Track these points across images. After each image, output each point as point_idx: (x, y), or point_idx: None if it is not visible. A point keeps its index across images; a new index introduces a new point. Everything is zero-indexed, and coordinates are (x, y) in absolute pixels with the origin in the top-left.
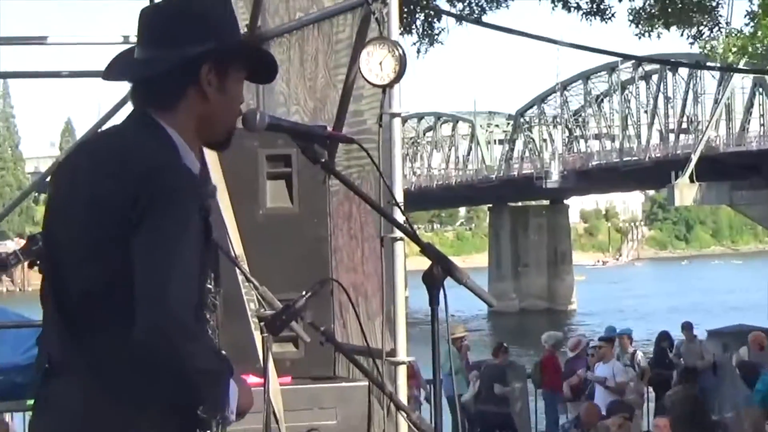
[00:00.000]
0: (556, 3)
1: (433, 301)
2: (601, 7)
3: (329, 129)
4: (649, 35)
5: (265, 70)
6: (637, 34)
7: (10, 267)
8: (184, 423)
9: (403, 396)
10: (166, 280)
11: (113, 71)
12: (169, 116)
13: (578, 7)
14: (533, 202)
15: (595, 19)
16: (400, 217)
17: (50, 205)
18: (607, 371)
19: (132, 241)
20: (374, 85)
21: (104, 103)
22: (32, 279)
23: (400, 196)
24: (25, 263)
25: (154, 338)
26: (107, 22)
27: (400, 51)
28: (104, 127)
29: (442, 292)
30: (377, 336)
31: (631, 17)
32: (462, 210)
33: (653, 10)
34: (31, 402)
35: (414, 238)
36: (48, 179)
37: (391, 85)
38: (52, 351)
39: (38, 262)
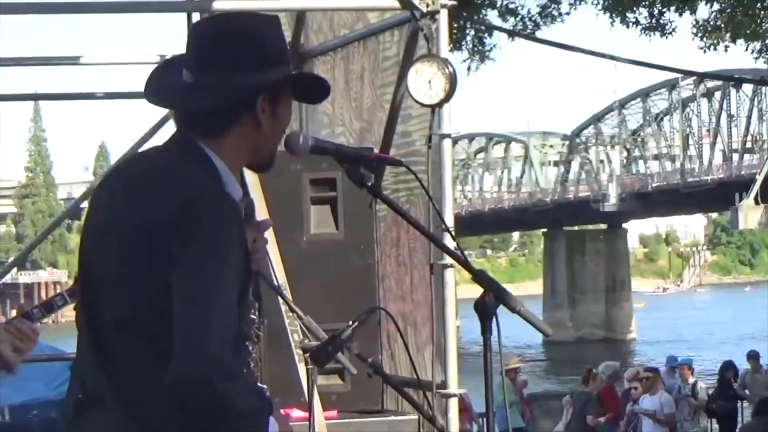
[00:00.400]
0: (614, 18)
1: (486, 331)
2: (661, 21)
3: (376, 151)
4: (715, 48)
5: (317, 94)
6: (702, 48)
7: (57, 309)
8: None
9: (454, 430)
10: (205, 318)
11: (159, 95)
12: (215, 143)
13: (637, 22)
14: (590, 227)
15: (654, 34)
16: (450, 242)
17: (86, 231)
18: (655, 403)
19: (172, 272)
20: (423, 105)
21: (139, 125)
22: (66, 310)
23: (450, 221)
24: (72, 306)
25: (191, 379)
26: (142, 42)
27: (450, 69)
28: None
29: (494, 321)
30: (427, 367)
31: (695, 30)
32: (515, 235)
33: (719, 22)
34: None
35: (465, 264)
36: (82, 205)
37: (440, 104)
38: (86, 380)
39: None
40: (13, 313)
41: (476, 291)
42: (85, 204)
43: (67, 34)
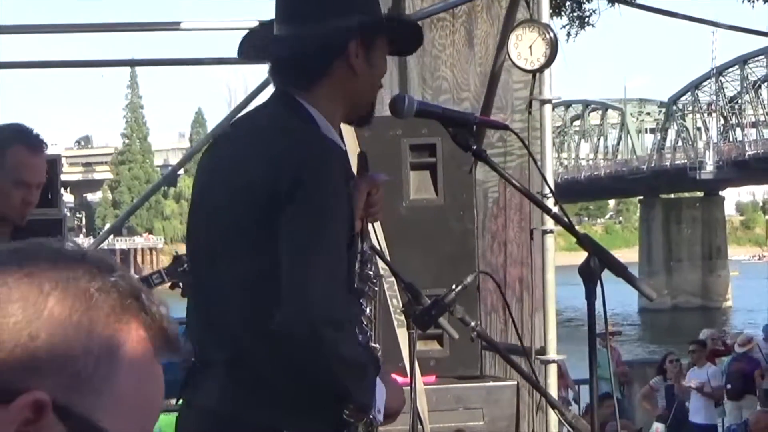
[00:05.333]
0: None
1: (591, 295)
2: None
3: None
4: None
5: (410, 40)
6: None
7: (154, 286)
8: (329, 425)
9: (553, 395)
10: (311, 267)
11: (252, 50)
12: (311, 95)
13: None
14: (686, 194)
15: (757, 0)
16: (553, 207)
17: (195, 192)
18: (702, 376)
19: (279, 226)
20: (523, 70)
21: (236, 91)
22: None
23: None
24: (167, 284)
25: (296, 326)
26: (240, 8)
27: (551, 34)
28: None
29: (599, 285)
30: (529, 333)
31: None
32: (611, 202)
33: None
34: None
35: (570, 228)
36: (179, 172)
37: (541, 70)
38: (197, 345)
39: (181, 284)
40: None
41: (571, 259)
42: (181, 171)
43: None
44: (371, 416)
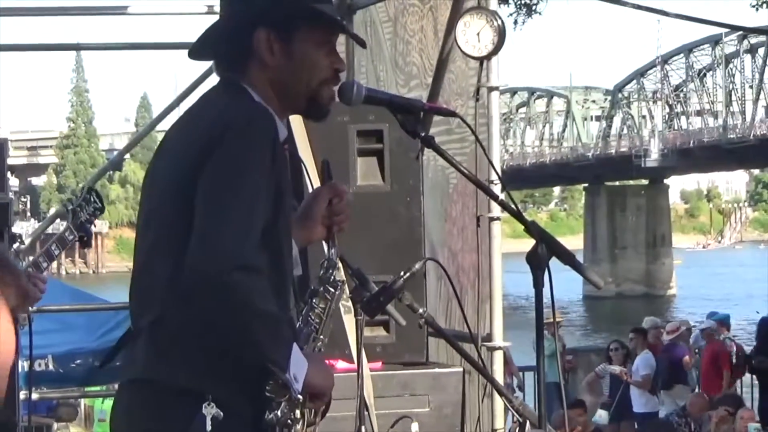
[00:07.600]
0: None
1: (538, 283)
2: None
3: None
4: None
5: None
6: (754, 6)
7: (69, 243)
8: (250, 399)
9: (499, 382)
10: (221, 215)
11: (197, 44)
12: (245, 78)
13: None
14: (631, 182)
15: None
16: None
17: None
18: (633, 365)
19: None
20: (471, 57)
21: (182, 77)
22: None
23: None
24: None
25: (203, 269)
26: None
27: (499, 21)
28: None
29: (547, 272)
30: (486, 320)
31: None
32: (556, 190)
33: None
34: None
35: (518, 216)
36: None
37: (488, 57)
38: (132, 317)
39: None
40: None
41: (516, 246)
42: (127, 156)
43: None
44: (292, 393)
